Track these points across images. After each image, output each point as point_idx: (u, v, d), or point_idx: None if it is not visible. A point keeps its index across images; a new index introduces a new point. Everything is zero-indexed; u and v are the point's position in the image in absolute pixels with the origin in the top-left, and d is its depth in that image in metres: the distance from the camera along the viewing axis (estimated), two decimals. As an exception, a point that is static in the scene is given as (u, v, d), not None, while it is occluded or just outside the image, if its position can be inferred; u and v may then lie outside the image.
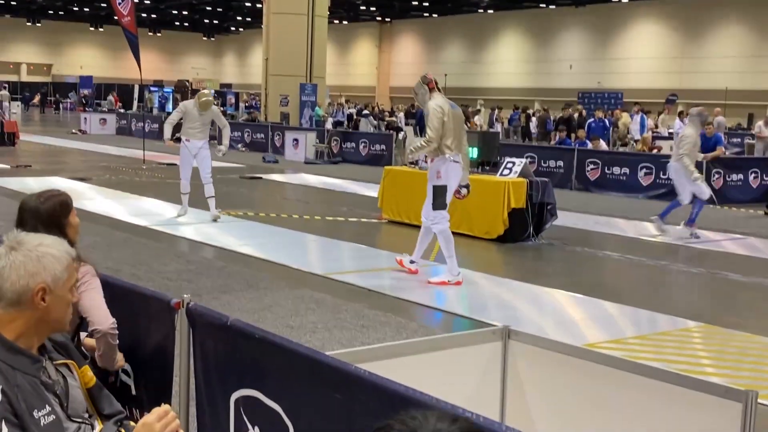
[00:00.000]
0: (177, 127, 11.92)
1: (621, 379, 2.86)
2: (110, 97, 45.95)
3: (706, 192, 11.84)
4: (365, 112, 31.89)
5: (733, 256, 10.66)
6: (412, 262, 8.75)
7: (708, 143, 16.75)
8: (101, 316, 3.09)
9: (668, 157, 18.18)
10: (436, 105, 8.01)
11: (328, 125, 27.32)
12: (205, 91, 12.61)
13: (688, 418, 2.68)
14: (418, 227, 11.63)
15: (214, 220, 11.63)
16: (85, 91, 51.74)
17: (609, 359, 2.98)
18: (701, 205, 11.85)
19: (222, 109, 39.21)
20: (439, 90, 8.30)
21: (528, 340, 3.23)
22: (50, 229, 3.02)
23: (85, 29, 66.40)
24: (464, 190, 8.47)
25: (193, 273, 8.36)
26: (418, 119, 30.28)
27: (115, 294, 3.27)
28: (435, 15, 56.13)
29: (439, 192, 8.12)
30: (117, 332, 3.11)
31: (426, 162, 8.47)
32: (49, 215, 3.19)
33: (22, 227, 2.92)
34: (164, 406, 2.25)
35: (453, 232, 9.91)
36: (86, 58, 67.21)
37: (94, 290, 3.13)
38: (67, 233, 3.18)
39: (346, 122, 30.08)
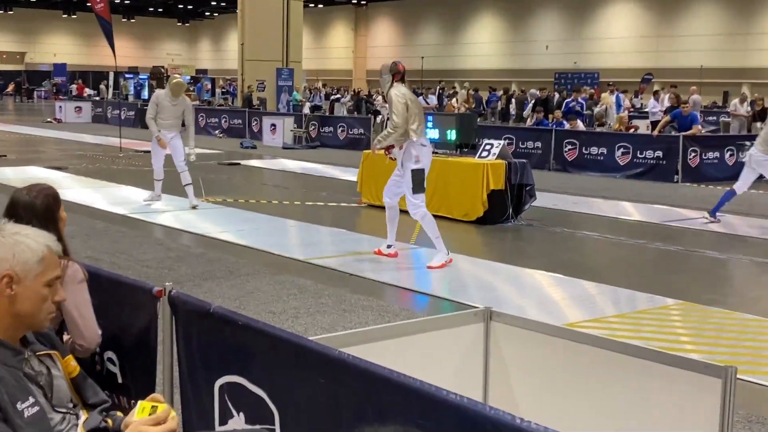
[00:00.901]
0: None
1: (602, 358, 2.89)
2: (74, 85, 45.55)
3: None
4: (337, 96, 31.84)
5: (710, 234, 10.76)
6: (389, 246, 8.77)
7: (684, 122, 16.90)
8: (90, 334, 3.09)
9: (645, 136, 18.33)
10: (398, 92, 8.13)
11: (306, 110, 27.24)
12: (177, 76, 12.53)
13: (669, 395, 2.71)
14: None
15: (193, 208, 11.59)
16: (58, 79, 51.27)
17: (590, 338, 3.02)
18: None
19: (197, 95, 39.00)
20: (404, 80, 8.39)
21: (510, 321, 3.26)
22: (45, 224, 3.00)
23: (58, 16, 65.62)
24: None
25: (174, 260, 8.33)
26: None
27: (97, 283, 3.26)
28: (411, -3, 55.97)
29: (418, 175, 8.20)
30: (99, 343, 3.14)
31: (389, 152, 8.47)
32: (44, 210, 3.18)
33: (16, 221, 2.89)
34: (165, 409, 2.20)
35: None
36: (60, 46, 66.48)
37: (82, 300, 3.11)
38: (59, 227, 3.18)
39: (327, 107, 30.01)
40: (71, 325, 3.08)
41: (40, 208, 3.17)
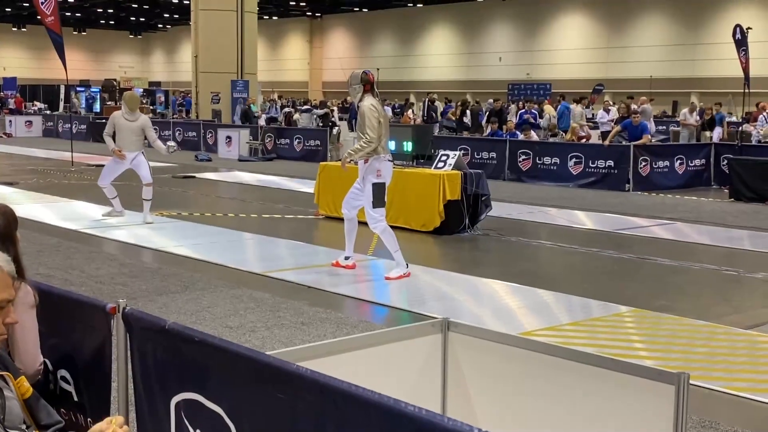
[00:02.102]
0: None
1: (558, 366, 2.92)
2: (11, 99, 44.78)
3: None
4: (307, 106, 31.71)
5: (661, 241, 10.94)
6: (347, 258, 8.78)
7: (635, 131, 17.18)
8: (29, 361, 3.02)
9: (597, 146, 18.57)
10: (371, 105, 8.13)
11: (262, 122, 27.14)
12: (130, 92, 12.38)
13: (624, 402, 2.75)
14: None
15: (147, 223, 11.43)
16: (4, 93, 50.46)
17: (546, 347, 3.04)
18: None
19: (151, 107, 38.63)
20: (373, 91, 8.38)
21: (467, 331, 3.27)
22: (5, 244, 2.96)
23: (8, 30, 64.56)
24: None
25: (128, 276, 8.23)
26: (351, 114, 30.24)
27: (50, 301, 3.21)
28: (365, 9, 56.14)
29: (380, 190, 8.24)
30: (41, 371, 3.08)
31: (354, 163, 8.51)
32: (5, 229, 3.13)
33: None
34: (117, 419, 2.19)
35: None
36: (10, 60, 65.34)
37: (28, 326, 3.05)
38: (17, 247, 3.13)
39: (283, 119, 29.86)
40: (11, 348, 3.02)
41: (1, 228, 3.12)
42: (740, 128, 20.79)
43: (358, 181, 8.53)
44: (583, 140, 20.16)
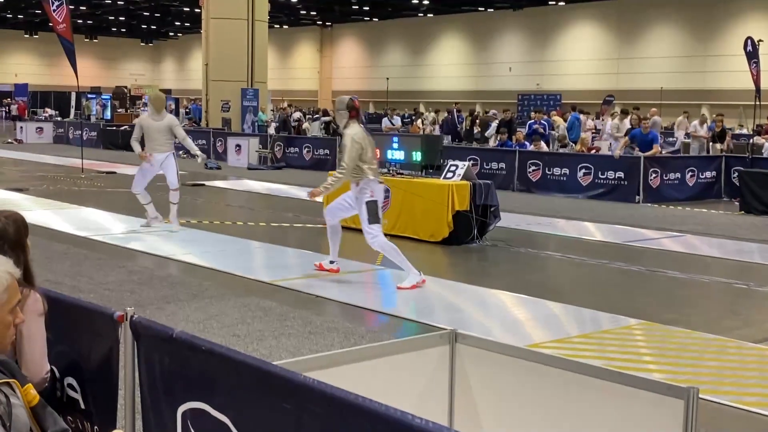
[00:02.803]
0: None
1: (566, 380, 2.90)
2: (14, 105, 45.07)
3: None
4: (317, 115, 31.75)
5: (671, 254, 10.89)
6: (332, 262, 8.90)
7: (644, 140, 17.13)
8: (35, 370, 3.03)
9: (607, 157, 18.55)
10: (354, 134, 8.27)
11: (271, 130, 27.19)
12: (155, 92, 12.35)
13: (632, 416, 2.73)
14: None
15: (171, 231, 11.27)
16: (8, 99, 50.86)
17: (555, 360, 3.03)
18: None
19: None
20: (359, 117, 8.55)
21: (475, 343, 3.26)
22: (16, 251, 2.99)
23: (20, 36, 64.98)
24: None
25: (136, 284, 8.24)
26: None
27: (58, 309, 3.21)
28: (375, 19, 56.27)
29: (373, 207, 8.37)
30: (47, 380, 3.08)
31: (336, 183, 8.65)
32: (16, 237, 3.14)
33: None
34: None
35: (399, 236, 10.01)
36: (21, 66, 65.75)
37: (36, 334, 3.05)
38: (27, 254, 3.14)
39: (295, 126, 29.91)
40: (19, 356, 3.02)
41: (12, 235, 3.14)
42: (751, 140, 20.73)
43: (348, 194, 8.62)
44: (593, 151, 20.12)
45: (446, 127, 26.41)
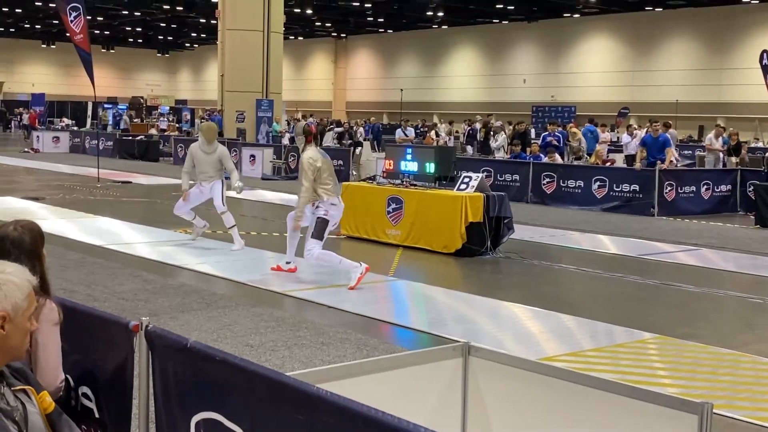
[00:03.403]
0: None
1: (580, 394, 2.90)
2: (25, 114, 45.35)
3: None
4: (330, 126, 31.87)
5: (686, 268, 10.84)
6: (288, 263, 9.45)
7: (655, 145, 17.01)
8: (49, 379, 3.04)
9: (621, 169, 18.50)
10: (308, 158, 8.87)
11: (285, 141, 27.28)
12: (206, 122, 12.28)
13: (646, 431, 2.72)
14: (377, 243, 11.72)
15: (234, 250, 10.93)
16: (20, 108, 51.26)
17: (568, 374, 3.02)
18: None
19: (177, 125, 38.97)
20: (315, 141, 9.20)
21: (488, 356, 3.26)
22: (32, 260, 3.01)
23: (37, 46, 65.53)
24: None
25: (150, 293, 8.27)
26: (375, 134, 30.35)
27: (73, 318, 3.23)
28: (390, 31, 56.42)
29: (323, 225, 8.91)
30: (62, 388, 3.10)
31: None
32: (32, 246, 3.17)
33: (2, 257, 2.88)
34: None
35: (411, 247, 10.02)
36: (38, 76, 66.31)
37: (52, 343, 3.07)
38: (43, 264, 3.17)
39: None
40: (34, 364, 3.04)
41: (28, 245, 3.16)
42: (767, 154, 20.62)
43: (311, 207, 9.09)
44: (608, 164, 20.08)
45: (468, 138, 26.29)
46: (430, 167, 11.82)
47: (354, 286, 8.64)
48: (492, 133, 25.43)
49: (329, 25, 55.12)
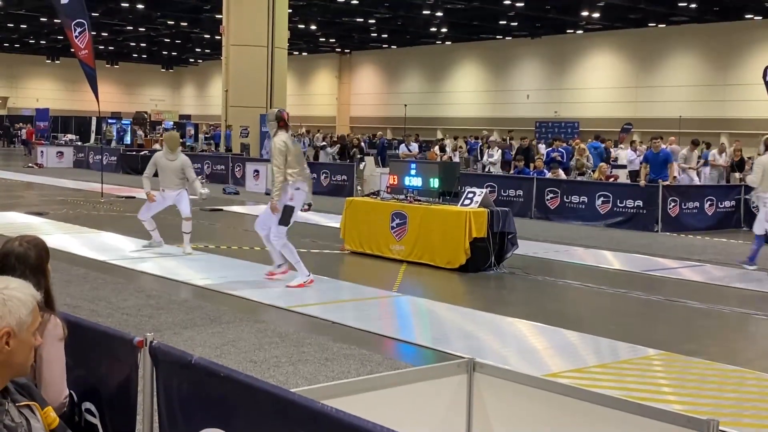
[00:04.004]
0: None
1: (585, 411, 2.89)
2: (23, 130, 45.47)
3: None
4: (323, 143, 31.95)
5: (691, 283, 10.82)
6: (279, 266, 9.87)
7: (657, 160, 16.98)
8: (53, 395, 3.04)
9: (625, 185, 18.51)
10: (280, 141, 9.28)
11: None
12: (169, 132, 12.76)
13: (652, 448, 2.71)
14: (382, 258, 11.72)
15: (186, 254, 11.57)
16: (20, 124, 51.42)
17: (573, 390, 3.01)
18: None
19: (182, 140, 39.06)
20: (287, 127, 9.56)
21: (493, 372, 3.25)
22: (36, 276, 3.02)
23: (42, 62, 65.84)
24: (306, 206, 9.83)
25: (154, 308, 8.26)
26: (379, 150, 30.37)
27: (78, 333, 3.23)
28: (394, 46, 56.62)
29: (288, 212, 9.43)
30: (66, 404, 3.10)
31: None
32: (37, 261, 3.18)
33: (7, 273, 2.89)
34: None
35: (415, 262, 10.00)
36: (43, 91, 66.57)
37: (56, 358, 3.07)
38: (48, 279, 3.18)
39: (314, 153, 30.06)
40: (38, 380, 3.04)
41: (33, 260, 3.17)
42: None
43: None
44: (611, 179, 20.07)
45: (506, 156, 26.06)
46: (434, 182, 11.83)
47: (292, 286, 9.31)
48: (487, 147, 25.44)
49: (333, 40, 55.34)
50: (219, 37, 33.29)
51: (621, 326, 8.27)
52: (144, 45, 61.38)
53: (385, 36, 52.25)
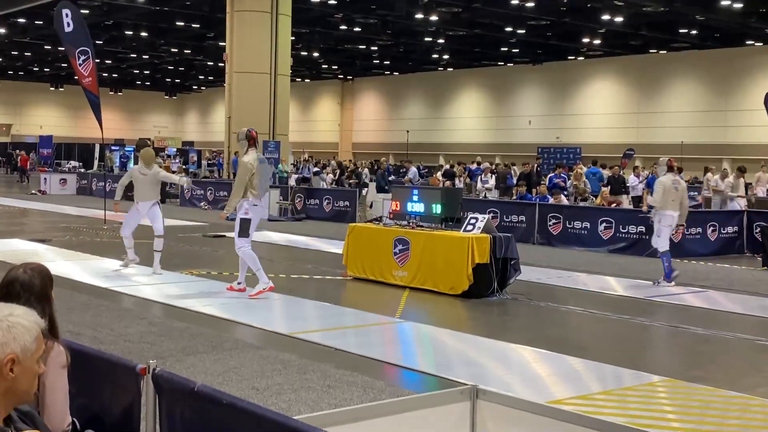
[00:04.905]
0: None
1: (589, 438, 2.88)
2: (18, 157, 45.60)
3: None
4: (316, 169, 32.06)
5: (694, 310, 10.79)
6: (238, 283, 10.55)
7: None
8: (56, 423, 3.04)
9: (627, 211, 18.52)
10: (248, 161, 10.02)
11: (292, 182, 27.39)
12: (145, 148, 13.20)
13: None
14: (384, 284, 11.72)
15: (156, 274, 11.95)
16: (17, 151, 51.56)
17: (577, 417, 3.00)
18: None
19: (185, 167, 39.19)
20: (255, 145, 10.29)
21: (497, 399, 3.24)
22: (41, 303, 3.04)
23: (46, 89, 66.22)
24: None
25: (156, 335, 8.25)
26: (379, 177, 30.42)
27: (81, 360, 3.23)
28: (396, 73, 56.93)
29: (245, 224, 10.18)
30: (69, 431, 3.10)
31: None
32: (41, 289, 3.20)
33: (12, 300, 2.90)
34: None
35: (418, 288, 10.01)
36: (46, 118, 66.92)
37: (59, 386, 3.07)
38: (52, 306, 3.20)
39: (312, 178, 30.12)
40: (41, 407, 3.04)
41: (37, 288, 3.19)
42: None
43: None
44: (613, 205, 20.09)
45: (508, 181, 26.00)
46: (437, 208, 11.84)
47: (254, 295, 10.05)
48: (497, 174, 25.52)
49: (336, 67, 55.67)
50: (222, 64, 33.51)
51: (624, 352, 8.24)
52: (147, 72, 61.76)
53: (387, 62, 52.56)
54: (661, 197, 12.47)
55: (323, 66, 54.56)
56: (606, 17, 34.20)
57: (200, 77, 63.46)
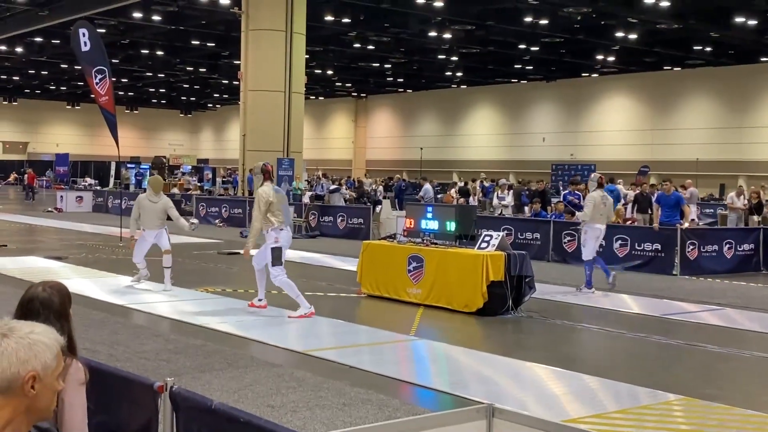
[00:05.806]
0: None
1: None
2: (25, 174, 45.89)
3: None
4: (334, 186, 32.12)
5: (710, 328, 10.73)
6: (260, 300, 10.75)
7: (668, 202, 16.95)
8: None
9: (643, 228, 18.46)
10: (263, 192, 10.23)
11: (306, 199, 27.47)
12: (153, 176, 13.41)
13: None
14: (398, 301, 11.72)
15: (165, 291, 12.03)
16: (24, 168, 51.78)
17: (593, 437, 2.99)
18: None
19: (200, 184, 39.39)
20: (270, 179, 10.51)
21: (512, 418, 3.23)
22: (60, 320, 3.07)
23: (62, 107, 66.80)
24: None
25: (172, 352, 8.28)
26: (396, 192, 30.47)
27: (99, 378, 3.25)
28: (409, 90, 57.09)
29: (277, 252, 10.29)
30: None
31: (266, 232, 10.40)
32: (60, 307, 3.24)
33: (31, 318, 2.93)
34: None
35: (432, 306, 9.99)
36: (62, 136, 67.47)
37: (77, 403, 3.10)
38: (70, 323, 3.23)
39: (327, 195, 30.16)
40: (60, 425, 3.06)
41: (57, 305, 3.23)
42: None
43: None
44: (629, 222, 20.02)
45: (522, 199, 25.92)
46: (451, 225, 11.84)
47: (294, 317, 10.12)
48: (498, 189, 25.47)
49: (350, 84, 55.89)
50: (237, 83, 33.70)
51: (640, 371, 8.20)
52: (163, 91, 62.20)
53: (401, 80, 52.72)
54: (591, 211, 13.39)
55: (337, 84, 54.78)
56: (620, 34, 34.22)
57: (215, 95, 63.86)
